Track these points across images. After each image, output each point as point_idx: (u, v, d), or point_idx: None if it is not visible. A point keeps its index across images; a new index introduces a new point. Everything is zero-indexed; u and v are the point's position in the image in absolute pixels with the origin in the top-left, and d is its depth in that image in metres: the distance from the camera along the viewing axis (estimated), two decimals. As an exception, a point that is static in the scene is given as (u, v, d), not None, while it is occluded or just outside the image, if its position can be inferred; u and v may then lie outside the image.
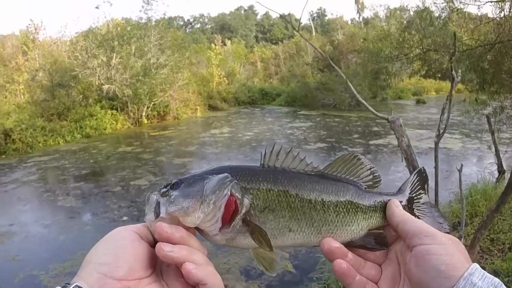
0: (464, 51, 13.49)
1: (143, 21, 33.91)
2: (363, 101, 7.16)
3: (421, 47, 13.20)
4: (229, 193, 0.98)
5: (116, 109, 29.48)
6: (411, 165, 6.58)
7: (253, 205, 1.01)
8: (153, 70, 30.44)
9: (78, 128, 25.49)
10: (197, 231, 1.01)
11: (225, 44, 61.38)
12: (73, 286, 0.81)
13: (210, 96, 40.03)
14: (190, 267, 0.89)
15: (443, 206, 10.61)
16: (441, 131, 7.66)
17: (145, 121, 30.97)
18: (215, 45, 54.51)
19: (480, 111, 15.38)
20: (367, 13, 61.82)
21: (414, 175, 1.27)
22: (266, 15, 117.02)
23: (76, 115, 26.27)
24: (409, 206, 1.20)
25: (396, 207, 1.11)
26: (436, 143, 7.64)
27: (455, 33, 8.52)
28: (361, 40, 40.97)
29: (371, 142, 22.14)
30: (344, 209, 1.09)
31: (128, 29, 31.94)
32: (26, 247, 10.23)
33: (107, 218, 12.09)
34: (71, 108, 26.88)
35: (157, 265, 0.98)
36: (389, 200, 1.15)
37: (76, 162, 19.24)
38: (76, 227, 11.59)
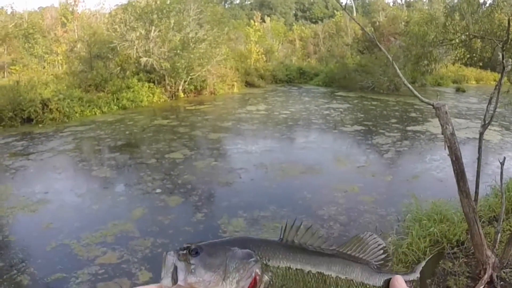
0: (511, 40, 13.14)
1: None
2: (409, 85, 6.93)
3: (467, 33, 12.89)
4: (253, 274, 0.97)
5: (153, 82, 29.60)
6: (454, 154, 6.38)
7: (271, 282, 1.00)
8: (191, 44, 30.34)
9: (115, 100, 25.71)
10: None
11: (264, 21, 60.88)
12: None
13: (247, 73, 39.88)
14: None
15: (479, 199, 10.38)
16: (487, 121, 7.38)
17: (182, 95, 31.01)
18: (254, 21, 54.08)
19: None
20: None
21: (431, 257, 1.38)
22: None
23: (113, 86, 26.49)
24: (420, 286, 1.27)
25: (399, 284, 1.14)
26: (481, 133, 7.37)
27: (510, 20, 8.20)
28: (403, 23, 40.33)
29: (408, 128, 21.81)
30: None
31: (168, 2, 31.73)
32: (60, 216, 10.35)
33: (141, 189, 12.20)
34: (108, 79, 27.15)
35: None
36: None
37: (112, 133, 19.42)
38: (110, 198, 11.71)
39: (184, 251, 0.97)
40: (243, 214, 10.40)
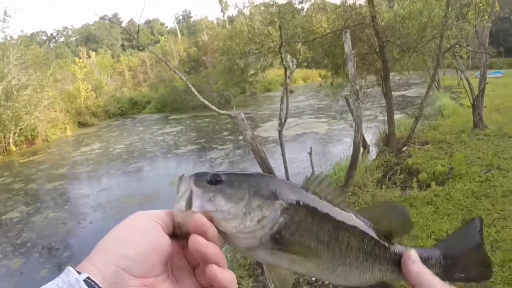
0: (314, 39, 14.39)
1: (0, 40, 32.38)
2: (206, 101, 7.47)
3: (271, 41, 13.85)
4: (278, 216, 0.90)
5: (-20, 140, 27.86)
6: (258, 156, 6.91)
7: (286, 225, 0.91)
8: (15, 92, 29.14)
9: None
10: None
11: (90, 56, 59.93)
12: (84, 277, 0.71)
13: (78, 113, 39.17)
14: (217, 269, 0.81)
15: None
16: (283, 119, 8.11)
17: (13, 148, 29.61)
18: (80, 58, 53.04)
19: (339, 94, 16.47)
20: (232, 11, 62.85)
21: (462, 228, 1.21)
22: (131, 21, 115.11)
23: None
24: (445, 264, 1.08)
25: (412, 263, 1.00)
26: (280, 131, 8.08)
27: (280, 25, 9.03)
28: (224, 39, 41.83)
29: (240, 138, 22.60)
30: (364, 256, 1.02)
31: (-16, 51, 30.28)
32: None
33: (-20, 260, 11.58)
34: None
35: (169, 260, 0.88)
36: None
37: None
38: None
39: (202, 176, 0.90)
40: (87, 261, 10.17)
